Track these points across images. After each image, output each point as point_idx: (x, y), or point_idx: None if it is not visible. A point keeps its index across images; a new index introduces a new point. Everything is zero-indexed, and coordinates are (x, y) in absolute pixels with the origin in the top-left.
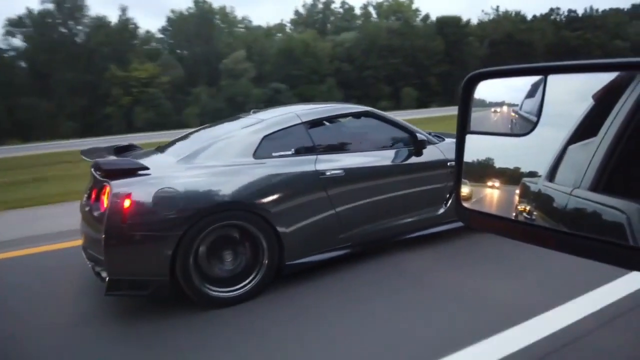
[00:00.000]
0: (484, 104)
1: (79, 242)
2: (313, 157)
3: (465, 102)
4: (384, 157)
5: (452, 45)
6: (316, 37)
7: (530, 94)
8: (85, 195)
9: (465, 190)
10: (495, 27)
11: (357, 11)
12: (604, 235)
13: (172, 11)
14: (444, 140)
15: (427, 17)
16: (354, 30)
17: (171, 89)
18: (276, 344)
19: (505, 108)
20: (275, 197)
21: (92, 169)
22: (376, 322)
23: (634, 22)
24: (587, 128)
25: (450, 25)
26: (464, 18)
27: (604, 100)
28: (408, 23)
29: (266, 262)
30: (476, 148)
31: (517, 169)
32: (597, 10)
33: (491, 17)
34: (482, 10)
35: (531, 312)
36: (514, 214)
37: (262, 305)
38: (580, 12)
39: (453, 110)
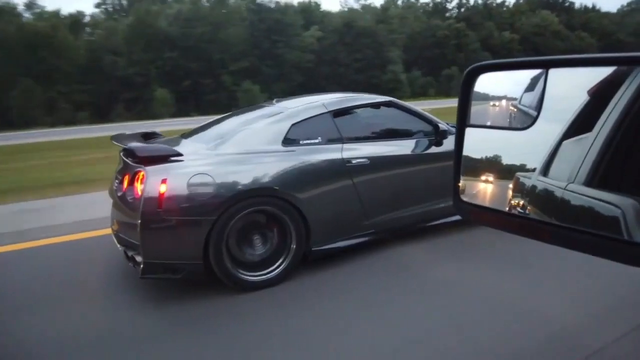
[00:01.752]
0: (486, 97)
1: None
2: (339, 145)
3: (465, 95)
4: (406, 146)
5: (263, 34)
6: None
7: (530, 87)
8: (116, 181)
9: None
10: (352, 16)
11: None
12: (599, 229)
13: None
14: None
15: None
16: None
17: None
18: (300, 329)
19: (504, 102)
20: (303, 183)
21: (123, 155)
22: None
23: (538, 12)
24: (582, 123)
25: (265, 11)
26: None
27: (599, 96)
28: (196, 7)
29: (294, 247)
30: (474, 142)
31: (514, 163)
32: None
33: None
34: None
35: (548, 318)
36: (507, 208)
37: (288, 289)
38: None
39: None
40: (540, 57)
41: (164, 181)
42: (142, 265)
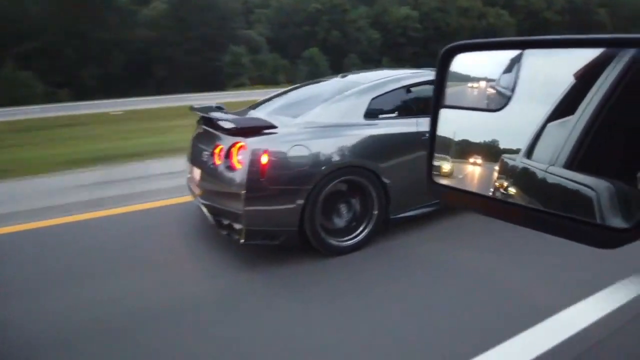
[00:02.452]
0: (468, 78)
1: None
2: (414, 119)
3: (441, 75)
4: None
5: (61, 8)
6: None
7: (509, 68)
8: (205, 152)
9: (447, 166)
10: None
11: None
12: (574, 212)
13: None
14: None
15: None
16: None
17: None
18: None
19: (483, 83)
20: (384, 155)
21: (209, 126)
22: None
23: None
24: (566, 106)
25: None
26: None
27: (584, 79)
28: None
29: (376, 212)
30: (454, 123)
31: (492, 146)
32: None
33: None
34: None
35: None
36: (491, 190)
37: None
38: None
39: None
40: (517, 38)
41: (265, 152)
42: (244, 233)
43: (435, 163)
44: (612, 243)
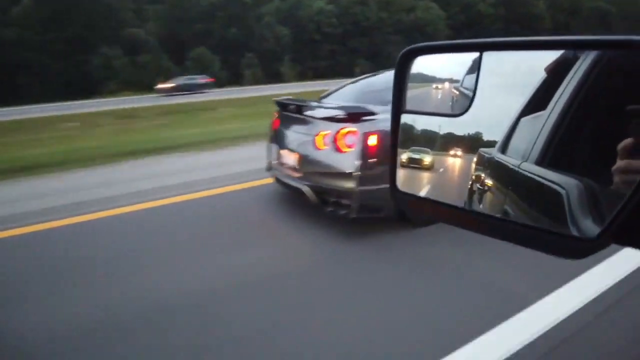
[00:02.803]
0: (433, 80)
1: None
2: None
3: (401, 79)
4: None
5: None
6: None
7: (471, 70)
8: (304, 138)
9: (427, 159)
10: None
11: None
12: (545, 211)
13: None
14: None
15: None
16: None
17: None
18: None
19: (447, 84)
20: None
21: (307, 115)
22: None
23: None
24: (539, 101)
25: None
26: None
27: (554, 74)
28: None
29: None
30: (424, 119)
31: (468, 140)
32: None
33: None
34: None
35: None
36: (469, 183)
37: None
38: None
39: None
40: (475, 40)
41: (374, 135)
42: (356, 208)
43: (416, 156)
44: (580, 253)
